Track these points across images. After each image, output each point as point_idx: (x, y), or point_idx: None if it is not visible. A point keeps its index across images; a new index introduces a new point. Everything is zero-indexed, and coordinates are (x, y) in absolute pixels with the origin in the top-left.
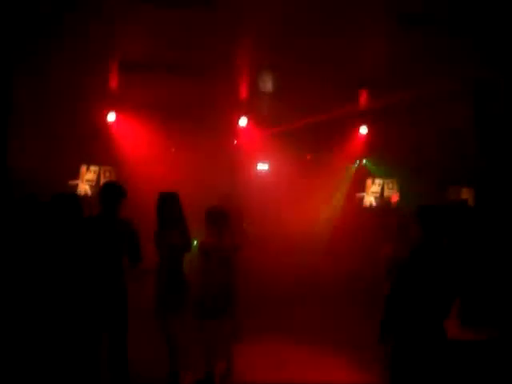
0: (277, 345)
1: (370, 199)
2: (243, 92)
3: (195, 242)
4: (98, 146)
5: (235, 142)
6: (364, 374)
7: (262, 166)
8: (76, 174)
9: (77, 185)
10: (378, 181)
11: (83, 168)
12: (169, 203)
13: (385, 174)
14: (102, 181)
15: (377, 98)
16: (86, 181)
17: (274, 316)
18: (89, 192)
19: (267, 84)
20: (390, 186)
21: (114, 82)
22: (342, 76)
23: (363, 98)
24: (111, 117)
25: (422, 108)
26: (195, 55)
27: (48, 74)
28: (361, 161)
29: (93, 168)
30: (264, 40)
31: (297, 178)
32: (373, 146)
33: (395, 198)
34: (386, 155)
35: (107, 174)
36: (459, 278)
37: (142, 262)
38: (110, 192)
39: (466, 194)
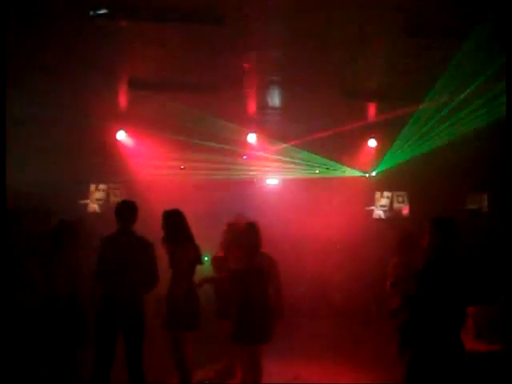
0: (290, 361)
1: (378, 213)
2: (252, 107)
3: (206, 258)
4: (107, 164)
5: (244, 157)
6: None
7: (272, 181)
8: (86, 193)
9: (87, 204)
10: (386, 194)
11: (92, 187)
12: (174, 220)
13: (394, 186)
14: (112, 199)
15: (385, 110)
16: (96, 200)
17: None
18: (98, 210)
19: (276, 99)
20: (400, 198)
21: (123, 100)
22: (350, 89)
23: (372, 110)
24: (120, 135)
25: (429, 119)
26: (203, 72)
27: (57, 91)
28: (370, 174)
29: (102, 187)
30: (272, 55)
31: (306, 192)
32: (382, 159)
33: (405, 210)
34: (395, 167)
35: (116, 193)
36: (474, 287)
37: (157, 282)
38: (126, 209)
39: (477, 201)
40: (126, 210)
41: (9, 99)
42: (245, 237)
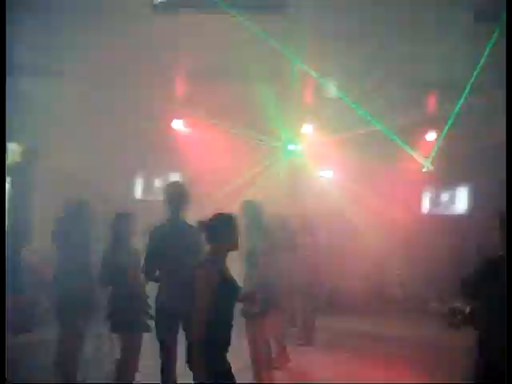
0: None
1: (439, 207)
2: (307, 98)
3: None
4: (164, 154)
5: (299, 148)
6: None
7: (326, 173)
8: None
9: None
10: (448, 188)
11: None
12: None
13: (455, 180)
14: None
15: (446, 102)
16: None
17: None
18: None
19: (331, 90)
20: (461, 192)
21: (180, 91)
22: (408, 79)
23: (431, 102)
24: (177, 124)
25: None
26: (260, 62)
27: (115, 82)
28: (429, 167)
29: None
30: (329, 43)
31: (362, 184)
32: (442, 152)
33: (466, 206)
34: (456, 160)
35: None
36: None
37: None
38: (176, 192)
39: None
40: (176, 193)
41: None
42: None
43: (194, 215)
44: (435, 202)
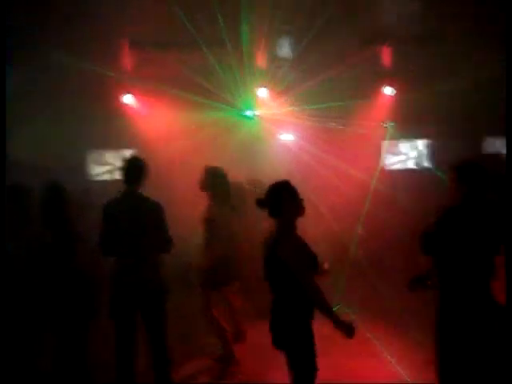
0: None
1: (400, 162)
2: (262, 60)
3: None
4: (115, 129)
5: (255, 113)
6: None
7: (286, 137)
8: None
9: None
10: (408, 143)
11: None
12: (222, 178)
13: (415, 134)
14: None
15: (400, 55)
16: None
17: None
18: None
19: (285, 50)
20: (421, 146)
21: (127, 62)
22: (362, 32)
23: (386, 56)
24: (127, 98)
25: (449, 61)
26: (210, 27)
27: (58, 56)
28: (389, 123)
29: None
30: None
31: (322, 145)
32: (400, 107)
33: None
34: (415, 115)
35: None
36: (503, 234)
37: (172, 246)
38: (134, 167)
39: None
40: (134, 169)
41: None
42: None
43: (151, 189)
44: (395, 156)
